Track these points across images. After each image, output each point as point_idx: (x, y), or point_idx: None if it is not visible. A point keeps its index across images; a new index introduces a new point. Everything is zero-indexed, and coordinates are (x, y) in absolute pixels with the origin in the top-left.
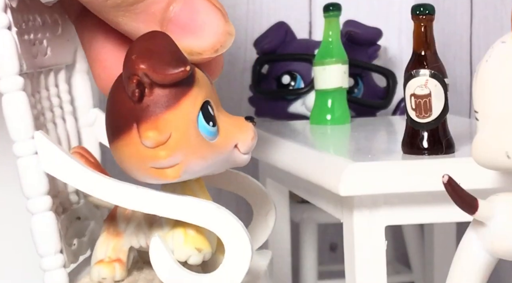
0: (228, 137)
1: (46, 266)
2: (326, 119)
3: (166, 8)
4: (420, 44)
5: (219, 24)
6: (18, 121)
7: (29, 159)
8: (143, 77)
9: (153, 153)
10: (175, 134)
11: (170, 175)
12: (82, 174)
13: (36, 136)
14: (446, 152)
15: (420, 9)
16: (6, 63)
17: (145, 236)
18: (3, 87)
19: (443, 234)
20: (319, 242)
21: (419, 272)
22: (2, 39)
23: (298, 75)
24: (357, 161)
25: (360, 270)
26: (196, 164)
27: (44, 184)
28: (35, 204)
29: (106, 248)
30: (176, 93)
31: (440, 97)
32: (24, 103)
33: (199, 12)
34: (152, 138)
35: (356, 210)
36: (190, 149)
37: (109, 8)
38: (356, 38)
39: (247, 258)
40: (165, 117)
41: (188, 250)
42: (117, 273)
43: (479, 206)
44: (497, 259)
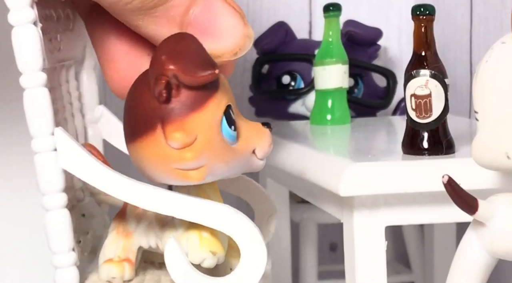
0: (247, 143)
1: (59, 264)
2: (326, 120)
3: (186, 12)
4: (420, 44)
5: (238, 27)
6: (40, 117)
7: (48, 155)
8: (172, 79)
9: (179, 154)
10: (200, 137)
11: (194, 177)
12: (101, 172)
13: (56, 133)
14: (446, 152)
15: (421, 9)
16: (30, 58)
17: (156, 236)
18: (26, 82)
19: (443, 234)
20: (319, 242)
21: (419, 272)
22: (28, 35)
23: (298, 75)
24: (357, 161)
25: (360, 270)
26: (219, 167)
27: (61, 181)
28: (51, 201)
29: (115, 247)
30: (202, 95)
31: (441, 98)
32: (47, 99)
33: (218, 15)
34: (179, 140)
35: (356, 210)
36: (214, 152)
37: (129, 11)
38: (356, 38)
39: (262, 263)
40: (191, 119)
41: (203, 253)
42: (126, 273)
43: (479, 206)
44: (497, 259)
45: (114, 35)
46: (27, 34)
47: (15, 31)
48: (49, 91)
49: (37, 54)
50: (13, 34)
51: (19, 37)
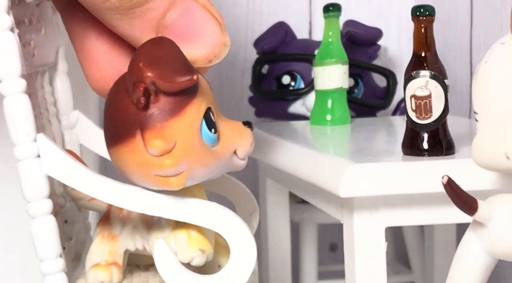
0: (228, 144)
1: (47, 270)
2: (326, 120)
3: (163, 15)
4: (420, 45)
5: (215, 34)
6: (21, 124)
7: (31, 162)
8: (150, 85)
9: (159, 161)
10: (180, 143)
11: (174, 183)
12: (86, 176)
13: (39, 139)
14: (446, 153)
15: (420, 10)
16: (9, 65)
17: (142, 238)
18: (5, 89)
19: (443, 234)
20: (319, 242)
21: (419, 272)
22: (6, 41)
23: (298, 76)
24: (357, 162)
25: (360, 271)
26: (199, 171)
27: (46, 187)
28: (37, 208)
29: (102, 252)
30: (181, 101)
31: (440, 99)
32: (28, 105)
33: (196, 21)
34: (159, 147)
35: (356, 211)
36: (194, 157)
37: (107, 10)
38: (356, 38)
39: (252, 259)
40: (170, 125)
41: (192, 252)
42: (115, 277)
43: (479, 207)
44: (496, 259)
45: (94, 34)
46: (5, 40)
47: None
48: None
49: (16, 61)
50: None
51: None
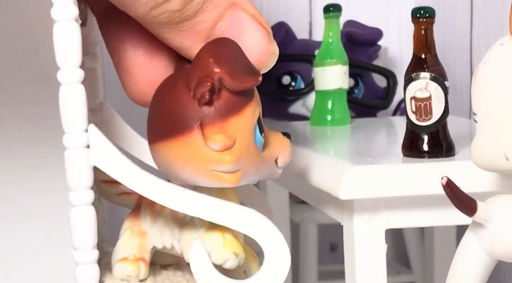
0: (272, 151)
1: (81, 260)
2: (327, 120)
3: (213, 27)
4: (420, 47)
5: (264, 44)
6: (75, 113)
7: (79, 152)
8: (216, 82)
9: (219, 157)
10: (238, 141)
11: (229, 180)
12: (133, 171)
13: (90, 130)
14: (447, 155)
15: (421, 12)
16: (71, 55)
17: (172, 236)
18: (64, 78)
19: (443, 235)
20: (319, 242)
21: (419, 273)
22: (71, 31)
23: (299, 76)
24: (357, 164)
25: (360, 273)
26: (251, 172)
27: (91, 177)
28: (79, 197)
29: (130, 246)
30: (241, 101)
31: (441, 100)
32: (83, 95)
33: (244, 31)
34: (221, 142)
35: (356, 213)
36: (249, 157)
37: (156, 24)
38: (356, 38)
39: (286, 268)
40: (230, 122)
41: (227, 254)
42: (142, 272)
43: (478, 208)
44: (496, 260)
45: (131, 47)
46: (70, 30)
47: (58, 26)
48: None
49: (77, 51)
50: (55, 29)
51: (61, 33)
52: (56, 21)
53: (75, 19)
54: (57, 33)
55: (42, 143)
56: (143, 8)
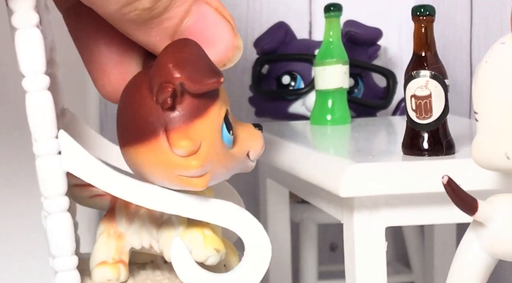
0: (242, 146)
1: (60, 267)
2: (327, 120)
3: (179, 23)
4: (420, 45)
5: (228, 38)
6: (44, 120)
7: (51, 159)
8: (178, 87)
9: (185, 162)
10: (204, 144)
11: (197, 184)
12: (107, 174)
13: (61, 135)
14: (447, 153)
15: (421, 10)
16: (34, 61)
17: (150, 236)
18: (29, 85)
19: (443, 234)
20: (319, 242)
21: (419, 272)
22: (32, 38)
23: (298, 76)
24: (358, 162)
25: (360, 271)
26: (220, 173)
27: (64, 184)
28: (54, 204)
29: (108, 249)
30: (205, 102)
31: (441, 98)
32: (50, 102)
33: (210, 26)
34: (186, 148)
35: (356, 211)
36: (216, 158)
37: (124, 22)
38: (356, 38)
39: (267, 259)
40: (195, 126)
41: (208, 251)
42: (122, 275)
43: (479, 207)
44: (497, 260)
45: (103, 45)
46: (31, 37)
47: (19, 33)
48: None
49: (41, 57)
50: (16, 36)
51: (23, 40)
52: (17, 29)
53: (37, 25)
54: (19, 40)
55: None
56: (113, 6)
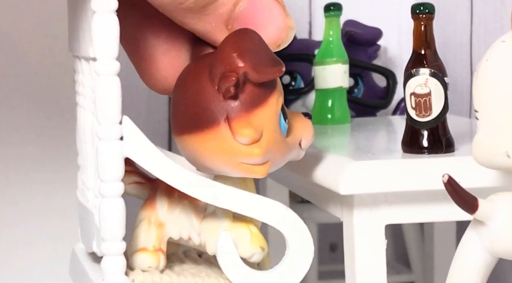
0: (295, 135)
1: (109, 251)
2: (326, 119)
3: (233, 9)
4: (420, 43)
5: (280, 19)
6: (110, 105)
7: (113, 143)
8: (241, 76)
9: (247, 150)
10: (265, 132)
11: (259, 172)
12: (165, 163)
13: (125, 122)
14: (446, 151)
15: (420, 8)
16: (108, 47)
17: (191, 227)
18: (101, 69)
19: (443, 233)
20: (319, 242)
21: (419, 272)
22: (110, 23)
23: (298, 75)
24: (357, 159)
25: (360, 268)
26: (279, 160)
27: (122, 169)
28: (110, 189)
29: (148, 237)
30: (265, 91)
31: (440, 96)
32: (118, 87)
33: (262, 9)
34: (248, 136)
35: (356, 208)
36: (276, 147)
37: (180, 11)
38: (356, 38)
39: (309, 259)
40: (256, 115)
41: (254, 248)
42: (161, 263)
43: (479, 206)
44: (497, 258)
45: (151, 34)
46: (109, 22)
47: (97, 17)
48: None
49: (115, 43)
50: (94, 20)
51: (101, 24)
52: (95, 12)
53: (114, 11)
54: (96, 24)
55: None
56: None
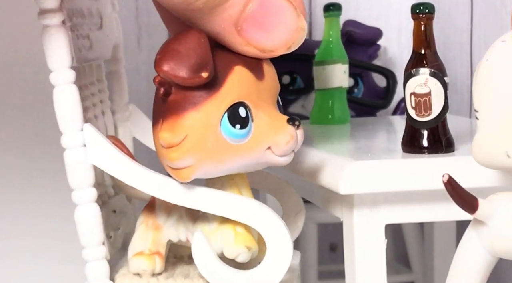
0: (259, 140)
1: (89, 257)
2: (326, 119)
3: (243, 10)
4: (420, 43)
5: (292, 21)
6: (69, 113)
7: (77, 151)
8: (165, 78)
9: (167, 153)
10: (190, 137)
11: (182, 176)
12: (130, 167)
13: (85, 129)
14: (446, 151)
15: (420, 8)
16: (60, 57)
17: (186, 230)
18: (56, 80)
19: (443, 233)
20: (319, 242)
21: (419, 272)
22: (57, 35)
23: (298, 76)
24: (357, 159)
25: (360, 268)
26: (212, 166)
27: (91, 176)
28: (81, 196)
29: (145, 240)
30: (201, 95)
31: (440, 96)
32: (75, 95)
33: (272, 10)
34: (165, 140)
35: (356, 208)
36: (205, 152)
37: (190, 11)
38: (356, 38)
39: (287, 257)
40: (183, 118)
41: (239, 248)
42: (157, 266)
43: (479, 206)
44: (497, 258)
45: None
46: (57, 34)
47: (46, 31)
48: (78, 89)
49: (66, 53)
50: (43, 34)
51: (49, 37)
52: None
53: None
54: (45, 37)
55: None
56: None
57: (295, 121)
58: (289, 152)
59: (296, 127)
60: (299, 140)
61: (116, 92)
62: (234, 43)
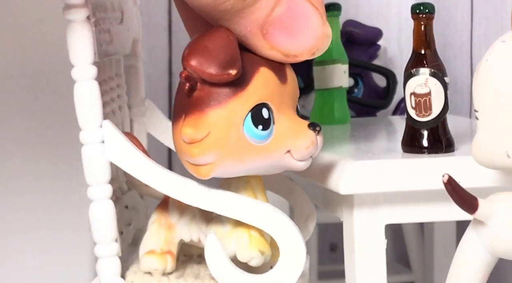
0: (279, 143)
1: (102, 253)
2: (326, 119)
3: (270, 13)
4: (420, 43)
5: (318, 27)
6: (89, 109)
7: (95, 147)
8: (193, 73)
9: (188, 149)
10: (213, 134)
11: (201, 173)
12: (146, 166)
13: (104, 125)
14: (446, 151)
15: (420, 8)
16: (83, 53)
17: (199, 230)
18: (77, 75)
19: (443, 233)
20: (319, 242)
21: (419, 272)
22: (82, 30)
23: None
24: (357, 159)
25: (360, 268)
26: (232, 165)
27: (107, 172)
28: (97, 192)
29: (157, 239)
30: (227, 92)
31: (440, 96)
32: (96, 92)
33: (299, 15)
34: (188, 135)
35: (356, 208)
36: (226, 150)
37: (217, 12)
38: (356, 38)
39: (301, 261)
40: (207, 115)
41: (252, 252)
42: (168, 266)
43: (479, 206)
44: (497, 258)
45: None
46: (81, 29)
47: (70, 26)
48: (98, 85)
49: (89, 49)
50: (68, 29)
51: (73, 32)
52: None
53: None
54: (69, 32)
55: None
56: None
57: (316, 126)
58: (308, 157)
59: (317, 132)
60: (318, 146)
61: (133, 87)
62: (259, 46)
